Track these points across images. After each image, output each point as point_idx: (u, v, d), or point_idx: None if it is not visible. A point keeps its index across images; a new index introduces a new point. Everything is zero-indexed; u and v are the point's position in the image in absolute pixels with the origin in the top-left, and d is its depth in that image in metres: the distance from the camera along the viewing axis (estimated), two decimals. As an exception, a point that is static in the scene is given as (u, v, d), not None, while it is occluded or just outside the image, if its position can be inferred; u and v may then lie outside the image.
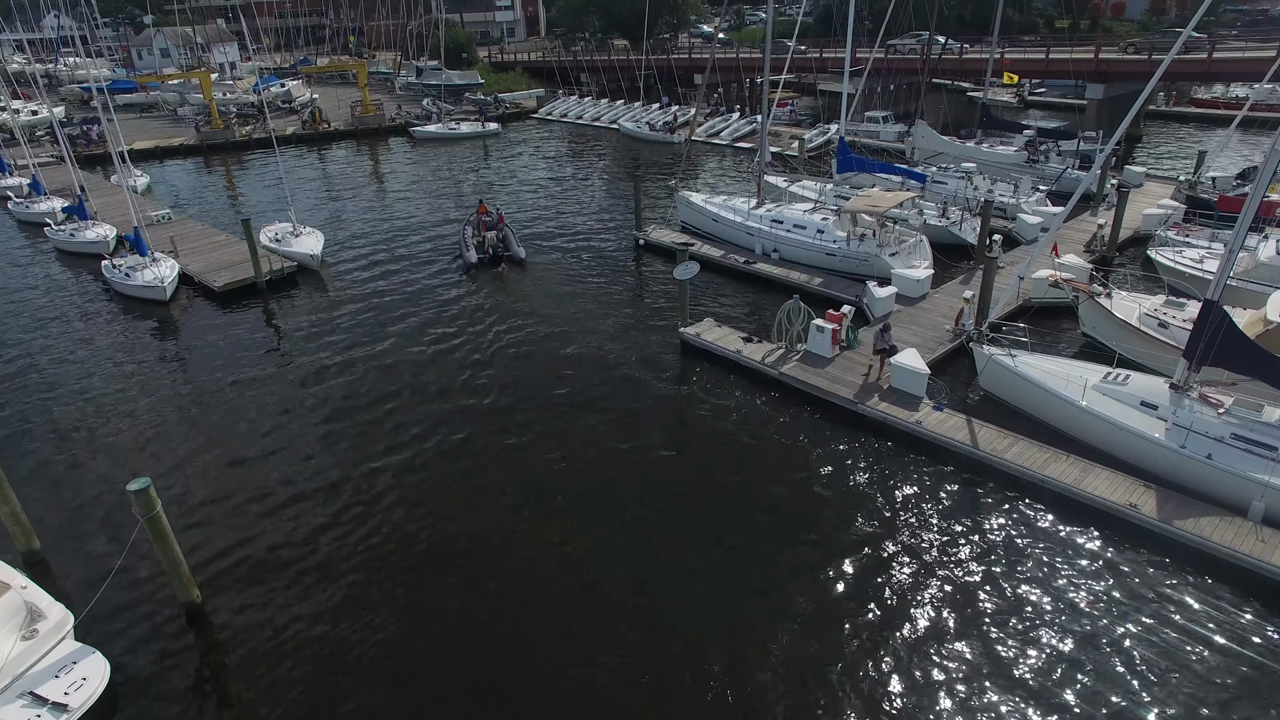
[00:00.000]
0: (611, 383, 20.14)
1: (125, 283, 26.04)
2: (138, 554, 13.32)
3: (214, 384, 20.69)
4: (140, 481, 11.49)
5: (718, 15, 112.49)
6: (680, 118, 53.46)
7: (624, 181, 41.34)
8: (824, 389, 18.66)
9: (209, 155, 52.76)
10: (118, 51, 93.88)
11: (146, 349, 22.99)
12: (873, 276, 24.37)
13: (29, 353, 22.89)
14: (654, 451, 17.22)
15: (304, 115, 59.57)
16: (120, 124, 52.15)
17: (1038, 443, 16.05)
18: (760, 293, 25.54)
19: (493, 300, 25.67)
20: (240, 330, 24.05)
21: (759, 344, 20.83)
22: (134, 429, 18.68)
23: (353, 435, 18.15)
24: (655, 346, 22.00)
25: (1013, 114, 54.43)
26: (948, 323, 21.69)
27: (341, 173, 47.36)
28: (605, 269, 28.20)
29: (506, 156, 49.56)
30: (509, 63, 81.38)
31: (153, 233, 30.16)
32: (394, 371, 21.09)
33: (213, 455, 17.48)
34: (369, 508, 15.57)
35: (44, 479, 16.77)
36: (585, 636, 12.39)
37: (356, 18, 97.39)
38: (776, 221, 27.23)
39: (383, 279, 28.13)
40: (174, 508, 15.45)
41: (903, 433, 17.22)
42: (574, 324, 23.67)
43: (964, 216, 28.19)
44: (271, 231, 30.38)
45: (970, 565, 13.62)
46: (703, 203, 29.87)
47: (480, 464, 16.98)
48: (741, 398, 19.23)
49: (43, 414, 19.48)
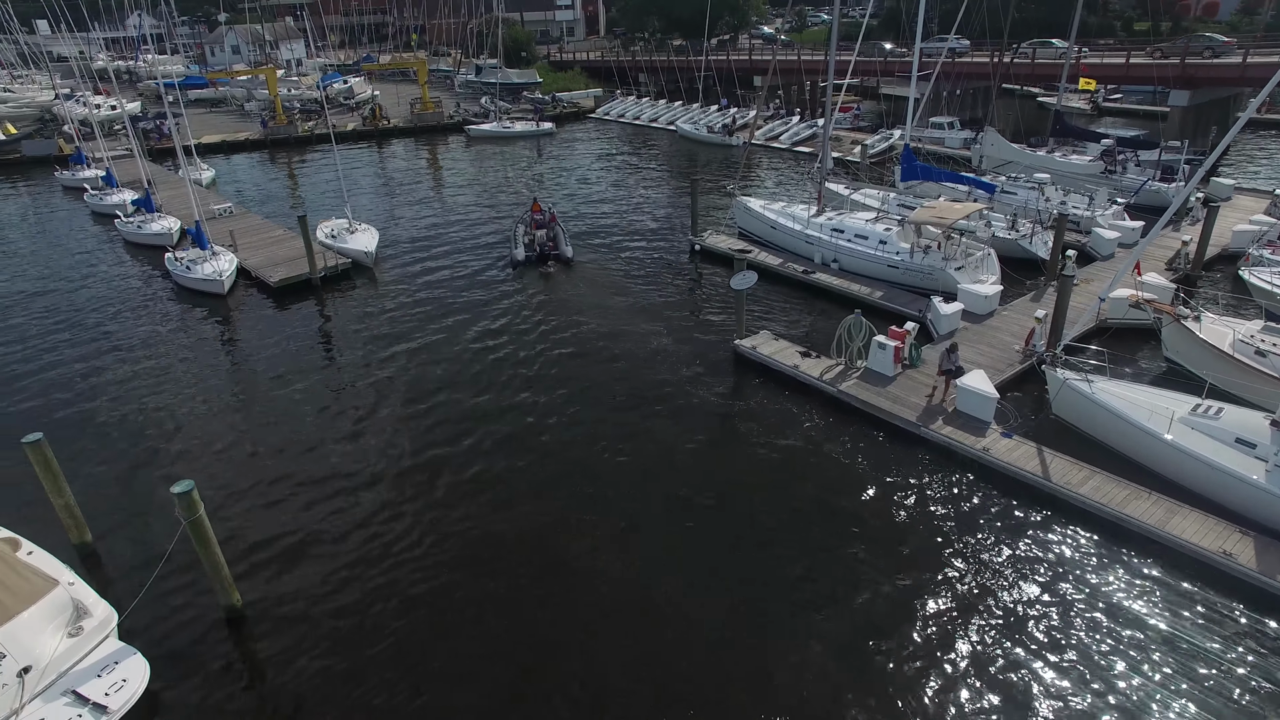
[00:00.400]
0: (662, 394, 19.59)
1: (185, 275, 26.48)
2: (180, 555, 13.23)
3: (264, 380, 20.78)
4: (184, 484, 11.36)
5: (779, 16, 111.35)
6: (739, 120, 52.61)
7: (680, 184, 40.76)
8: (885, 409, 17.80)
9: (273, 150, 53.87)
10: (192, 48, 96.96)
11: (203, 342, 23.27)
12: (937, 291, 23.34)
13: (94, 341, 23.37)
14: (704, 467, 16.62)
15: (364, 111, 60.47)
16: (190, 118, 53.74)
17: (1116, 477, 14.96)
18: (818, 304, 24.70)
19: (542, 302, 25.36)
20: (293, 326, 24.18)
21: (817, 359, 20.05)
22: (186, 423, 18.81)
23: (396, 436, 17.96)
24: (708, 357, 21.37)
25: (1085, 121, 52.25)
26: (1017, 343, 20.57)
27: (399, 169, 47.80)
28: (658, 274, 27.67)
29: (560, 156, 49.41)
30: (567, 62, 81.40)
31: (214, 226, 30.71)
32: (440, 371, 20.91)
33: (260, 452, 17.47)
34: (413, 512, 15.31)
35: (96, 470, 16.95)
36: (636, 659, 11.87)
37: (419, 16, 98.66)
38: (837, 230, 26.33)
39: (433, 276, 28.10)
40: (219, 505, 15.46)
41: (968, 459, 16.29)
42: (624, 330, 23.20)
43: (1035, 229, 26.86)
44: (328, 228, 30.64)
45: (1039, 607, 12.69)
46: (761, 209, 29.11)
47: (522, 470, 16.61)
48: (798, 415, 18.49)
49: (100, 403, 19.78)
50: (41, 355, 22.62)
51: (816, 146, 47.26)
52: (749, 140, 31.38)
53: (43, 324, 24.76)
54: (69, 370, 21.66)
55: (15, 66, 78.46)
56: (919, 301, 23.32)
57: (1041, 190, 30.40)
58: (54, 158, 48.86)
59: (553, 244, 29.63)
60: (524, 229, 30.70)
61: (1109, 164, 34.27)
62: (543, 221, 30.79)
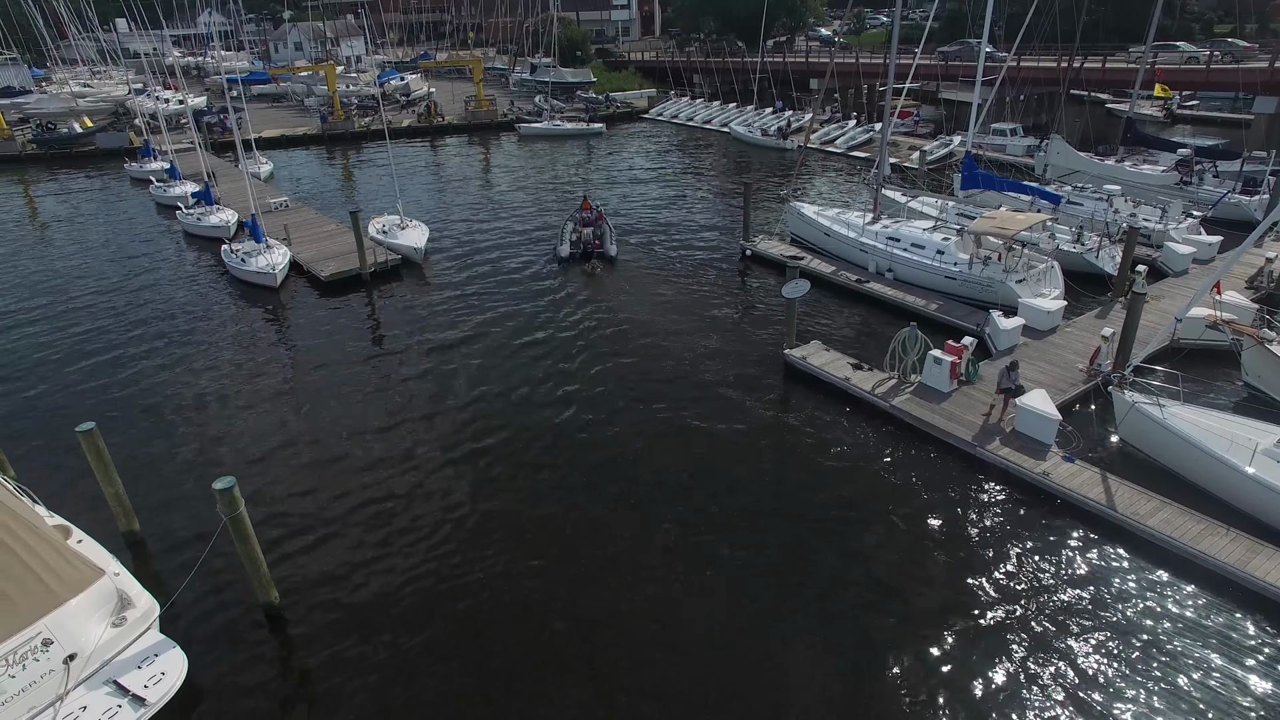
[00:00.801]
0: (707, 401, 19.19)
1: (240, 268, 26.96)
2: (222, 547, 13.29)
3: (311, 373, 20.96)
4: (225, 480, 11.37)
5: (837, 18, 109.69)
6: (794, 123, 51.80)
7: (731, 188, 40.23)
8: (939, 427, 17.11)
9: (330, 145, 54.86)
10: (257, 45, 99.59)
11: (254, 334, 23.61)
12: (996, 305, 22.49)
13: (149, 328, 23.91)
14: (749, 479, 16.17)
15: (420, 108, 61.22)
16: (252, 113, 55.16)
17: (1190, 510, 14.08)
18: (871, 315, 23.99)
19: (590, 301, 25.14)
20: (341, 319, 24.40)
21: (869, 372, 19.42)
22: (234, 413, 19.04)
23: (437, 433, 17.90)
24: (756, 366, 20.89)
25: (1158, 129, 50.13)
26: (1080, 361, 19.64)
27: (452, 166, 48.20)
28: (707, 278, 27.24)
29: (612, 156, 49.23)
30: (622, 62, 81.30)
31: (269, 220, 31.25)
32: (482, 367, 20.85)
33: (302, 447, 17.57)
34: (451, 509, 15.21)
35: (145, 455, 17.24)
36: (672, 683, 11.53)
37: (476, 14, 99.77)
38: (893, 239, 25.56)
39: (480, 272, 28.18)
40: (262, 496, 15.56)
41: (1027, 483, 15.54)
42: (671, 333, 22.85)
43: (1102, 243, 25.71)
44: (379, 223, 30.94)
45: (1101, 647, 11.96)
46: (815, 215, 28.45)
47: (560, 470, 16.39)
48: (848, 428, 17.90)
49: (152, 389, 20.18)
50: (99, 339, 23.23)
51: (873, 151, 46.30)
52: (805, 144, 30.68)
53: (103, 311, 25.44)
54: (124, 355, 22.18)
55: (95, 63, 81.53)
56: (977, 315, 22.48)
57: (1110, 201, 29.14)
58: (124, 150, 50.52)
59: (598, 242, 29.72)
60: (572, 226, 31.08)
61: (1185, 175, 32.67)
62: (590, 219, 30.96)
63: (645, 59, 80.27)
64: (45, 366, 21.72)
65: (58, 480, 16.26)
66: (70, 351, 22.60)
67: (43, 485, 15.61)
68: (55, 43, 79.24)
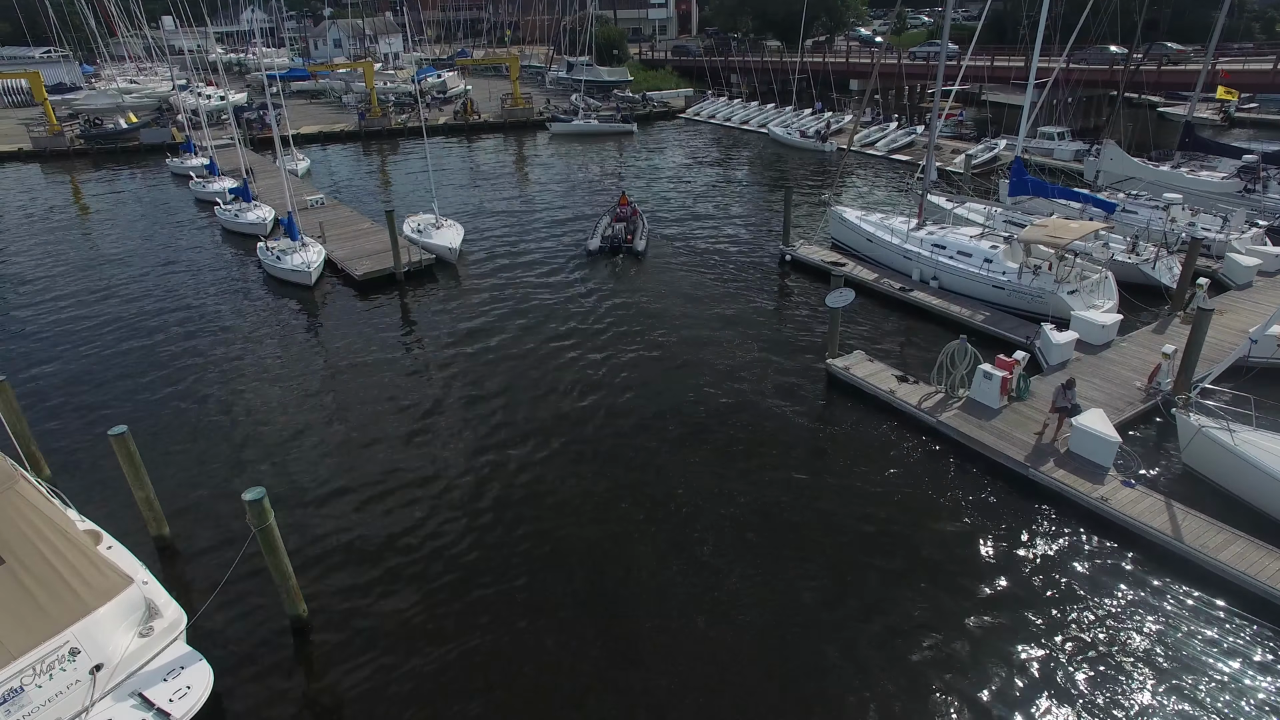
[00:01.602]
0: (745, 410, 18.63)
1: (276, 265, 26.95)
2: (251, 557, 13.06)
3: (343, 376, 20.77)
4: (255, 491, 11.09)
5: (877, 17, 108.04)
6: (833, 124, 50.88)
7: (769, 189, 39.55)
8: (989, 445, 16.37)
9: (366, 142, 55.15)
10: (298, 42, 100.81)
11: (288, 334, 23.52)
12: (1047, 317, 21.63)
13: (184, 325, 23.94)
14: (788, 494, 15.58)
15: (456, 106, 61.31)
16: (291, 109, 55.64)
17: (1265, 545, 13.20)
18: (915, 323, 23.22)
19: (627, 306, 24.67)
20: (374, 319, 24.23)
21: (915, 384, 18.70)
22: (264, 414, 18.89)
23: (465, 438, 17.56)
24: (795, 375, 20.27)
25: (1214, 134, 48.34)
26: (1138, 379, 18.73)
27: (487, 164, 48.12)
28: (745, 282, 26.63)
29: (649, 155, 48.75)
30: (658, 61, 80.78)
31: (305, 217, 31.28)
32: (515, 377, 20.43)
33: (332, 452, 17.35)
34: (479, 517, 14.85)
35: (176, 459, 17.14)
36: (714, 706, 11.03)
37: (514, 12, 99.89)
38: (938, 246, 24.75)
39: (513, 274, 27.92)
40: (292, 501, 15.34)
41: (1083, 508, 14.75)
42: (706, 340, 22.31)
43: (1159, 253, 24.64)
44: (414, 222, 30.81)
45: (1173, 689, 11.20)
46: (857, 220, 27.69)
47: (588, 479, 15.93)
48: (893, 443, 17.23)
49: (185, 388, 20.13)
50: (135, 336, 23.31)
51: (914, 155, 45.28)
52: (847, 147, 29.86)
53: (140, 307, 25.56)
54: (159, 353, 22.20)
55: (141, 60, 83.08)
56: (1026, 327, 21.62)
57: (1166, 210, 27.97)
58: (167, 145, 51.24)
59: (629, 237, 29.85)
60: (607, 220, 31.66)
61: (1249, 181, 31.28)
62: (625, 215, 31.44)
63: (682, 58, 79.43)
64: (82, 362, 21.82)
65: (91, 480, 16.23)
66: (107, 349, 22.69)
67: (75, 486, 15.60)
68: (105, 40, 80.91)
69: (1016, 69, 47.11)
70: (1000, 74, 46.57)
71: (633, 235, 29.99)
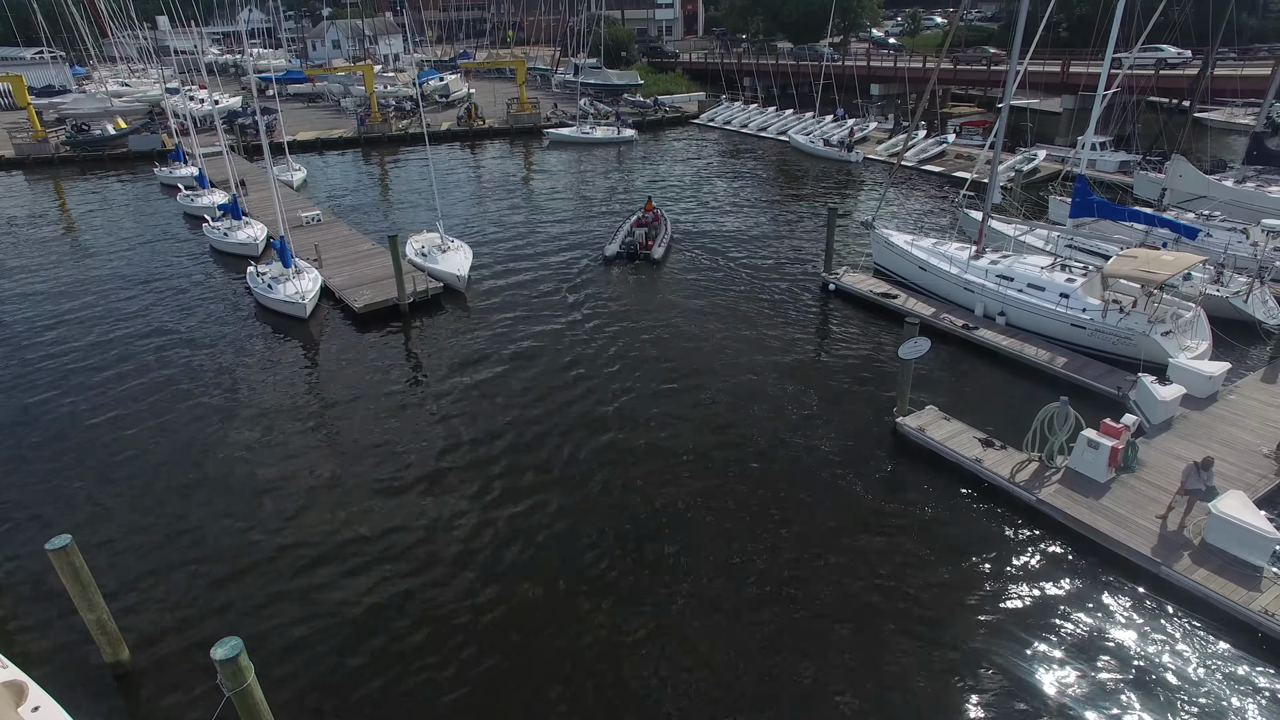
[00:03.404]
0: (796, 475, 16.08)
1: (267, 295, 24.36)
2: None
3: (338, 425, 18.17)
4: (228, 646, 8.50)
5: (889, 19, 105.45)
6: (858, 132, 48.32)
7: (794, 202, 36.98)
8: (1105, 533, 13.82)
9: (366, 148, 52.57)
10: (296, 43, 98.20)
11: (279, 374, 20.91)
12: (1134, 361, 19.12)
13: (162, 370, 21.32)
14: (857, 586, 13.01)
15: (460, 111, 58.71)
16: (287, 113, 52.97)
17: None
18: (982, 365, 20.68)
19: (652, 339, 22.10)
20: (375, 358, 21.62)
21: (1002, 450, 16.14)
22: (248, 480, 16.31)
23: (479, 511, 14.99)
24: (855, 434, 17.70)
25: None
26: (1262, 444, 16.16)
27: (492, 172, 45.57)
28: (783, 316, 24.03)
29: (653, 164, 46.13)
30: (668, 63, 78.16)
31: (300, 237, 28.76)
32: (531, 432, 17.82)
33: (322, 524, 14.78)
34: (486, 613, 12.29)
35: (139, 543, 14.57)
36: None
37: (518, 12, 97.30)
38: (1005, 278, 22.21)
39: (525, 301, 25.46)
40: (277, 579, 12.78)
41: (1235, 620, 12.21)
42: (744, 383, 19.75)
43: (1253, 284, 22.12)
44: (418, 243, 28.20)
45: None
46: (907, 245, 25.10)
47: (620, 562, 13.38)
48: (982, 524, 14.69)
49: (155, 441, 17.54)
50: (104, 370, 20.72)
51: (946, 165, 42.72)
52: (898, 162, 27.17)
53: (115, 339, 22.97)
54: (127, 392, 19.61)
55: (134, 61, 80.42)
56: (1113, 375, 19.09)
57: (1246, 234, 25.46)
58: (156, 153, 48.64)
59: (649, 243, 29.15)
60: (629, 226, 31.05)
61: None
62: (647, 221, 30.83)
63: (693, 60, 76.84)
64: (43, 410, 19.23)
65: (25, 599, 13.62)
66: (72, 390, 20.10)
67: (12, 591, 13.03)
68: (97, 40, 78.24)
69: (1089, 74, 44.58)
70: (1074, 81, 43.60)
71: (652, 242, 29.23)
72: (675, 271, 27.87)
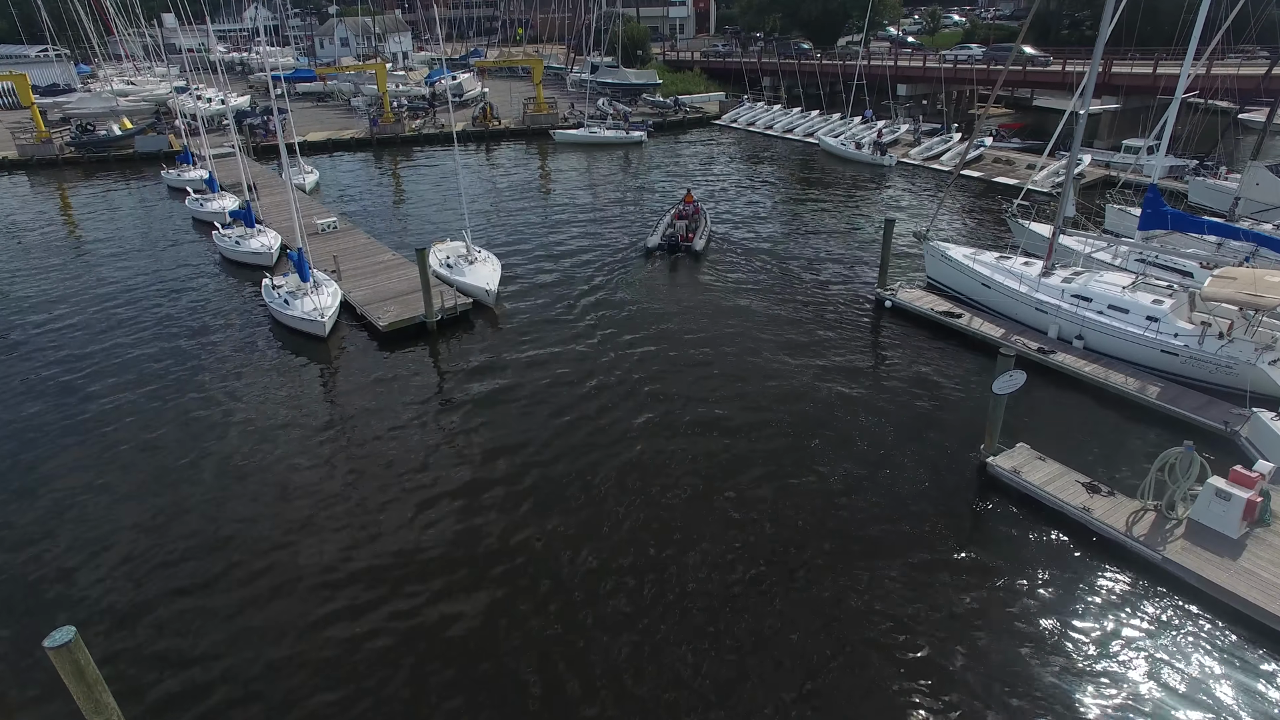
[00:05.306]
0: (871, 527, 14.42)
1: (284, 311, 22.73)
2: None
3: (361, 464, 16.56)
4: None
5: (907, 16, 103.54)
6: (887, 134, 46.59)
7: (832, 210, 35.28)
8: (1249, 599, 12.12)
9: (379, 150, 50.98)
10: (303, 40, 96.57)
11: (297, 401, 19.31)
12: (1236, 390, 17.46)
13: (172, 395, 19.73)
14: (961, 663, 11.37)
15: (475, 110, 57.08)
16: (297, 113, 51.27)
17: None
18: (1061, 394, 18.96)
19: (700, 359, 20.44)
20: (401, 383, 20.01)
21: (1110, 497, 14.48)
22: (262, 524, 14.72)
23: (517, 562, 13.37)
24: (932, 472, 16.03)
25: None
26: (1394, 487, 14.49)
27: (510, 175, 43.94)
28: (839, 334, 22.38)
29: (658, 168, 44.45)
30: (685, 62, 76.36)
31: (316, 245, 27.13)
32: (576, 474, 16.22)
33: (340, 576, 13.18)
34: (513, 643, 10.69)
35: (149, 611, 12.98)
36: None
37: (530, 10, 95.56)
38: (1081, 298, 20.52)
39: (558, 314, 23.99)
40: (293, 654, 11.17)
41: None
42: (805, 412, 18.08)
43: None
44: (442, 253, 26.52)
45: None
46: (967, 260, 23.38)
47: (667, 623, 11.75)
48: (1094, 586, 13.01)
49: (168, 488, 15.95)
50: (105, 398, 19.14)
51: (985, 170, 40.92)
52: (956, 171, 25.34)
53: (117, 364, 21.39)
54: (128, 432, 18.01)
55: (139, 59, 78.84)
56: (1215, 406, 17.41)
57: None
58: (163, 154, 47.12)
59: (690, 235, 29.46)
60: (669, 218, 31.08)
61: None
62: (687, 213, 30.90)
63: (710, 59, 75.05)
64: (40, 449, 17.65)
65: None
66: (68, 430, 18.53)
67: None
68: (102, 38, 76.70)
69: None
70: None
71: (693, 234, 29.56)
72: (718, 287, 26.14)
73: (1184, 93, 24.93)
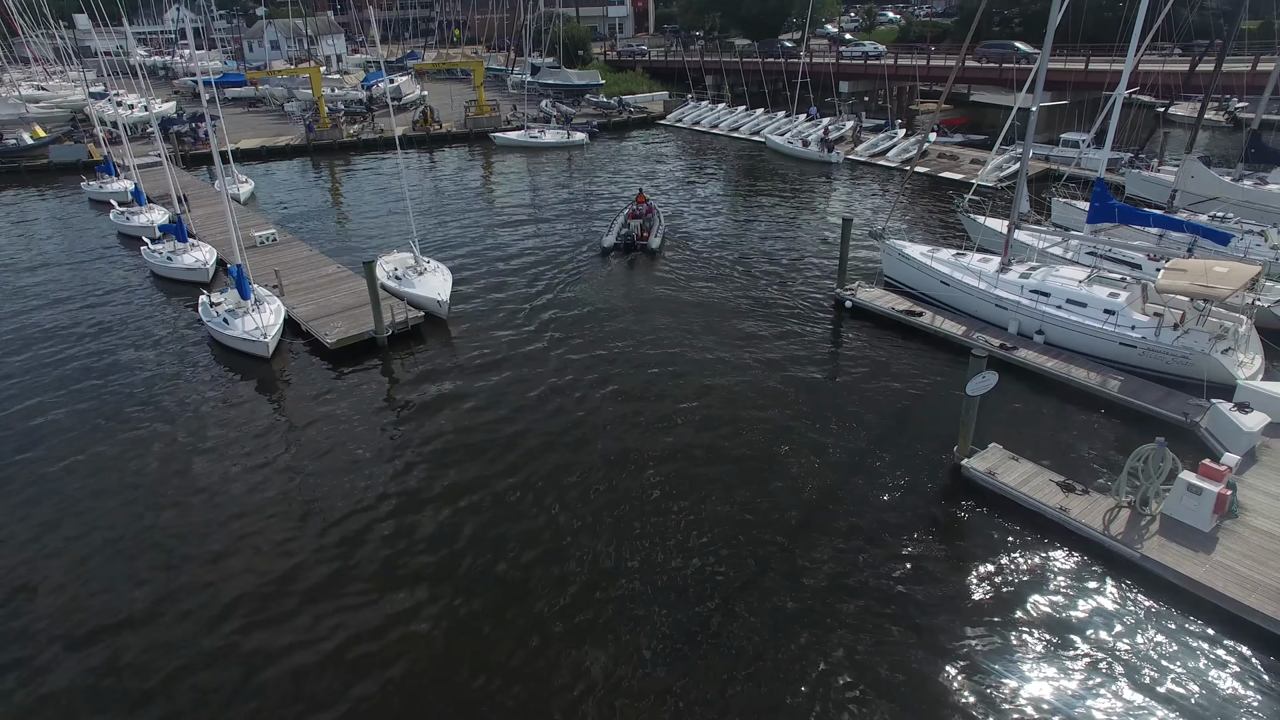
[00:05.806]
0: (847, 533, 14.15)
1: (222, 331, 21.45)
2: None
3: (311, 498, 15.61)
4: None
5: (844, 14, 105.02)
6: (833, 131, 46.87)
7: (781, 207, 35.20)
8: (1225, 594, 12.17)
9: (315, 156, 49.19)
10: (230, 44, 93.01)
11: (238, 429, 18.14)
12: (1191, 380, 17.78)
13: (96, 425, 18.39)
14: (943, 663, 11.15)
15: (414, 114, 55.60)
16: (227, 119, 49.16)
17: None
18: (1024, 390, 19.01)
19: (659, 363, 19.95)
20: (352, 404, 19.01)
21: (1085, 495, 14.47)
22: (205, 576, 13.71)
23: (484, 602, 12.71)
24: (906, 473, 15.86)
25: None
26: (1351, 475, 14.86)
27: (454, 180, 42.79)
28: (798, 335, 22.13)
29: (603, 169, 43.96)
30: (627, 62, 75.90)
31: (255, 259, 25.79)
32: (537, 489, 15.58)
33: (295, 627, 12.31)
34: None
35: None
36: None
37: (466, 11, 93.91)
38: (1039, 293, 20.68)
39: (510, 323, 23.27)
40: None
41: (1395, 700, 10.69)
42: (772, 419, 17.76)
43: (1291, 292, 21.07)
44: (389, 264, 25.42)
45: None
46: (924, 257, 23.44)
47: (647, 658, 11.28)
48: (1078, 586, 12.94)
49: (95, 532, 14.76)
50: (26, 436, 17.73)
51: (932, 166, 41.44)
52: (911, 169, 25.36)
53: (38, 386, 19.88)
54: (49, 466, 16.71)
55: (50, 63, 74.76)
56: (1173, 398, 17.66)
57: (1265, 237, 24.53)
58: (82, 165, 44.58)
59: (645, 234, 29.59)
60: (623, 218, 31.06)
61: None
62: (641, 212, 30.94)
63: (654, 59, 74.72)
64: (-38, 486, 16.20)
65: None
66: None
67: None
68: (6, 40, 72.49)
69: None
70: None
71: (648, 233, 29.69)
72: (675, 289, 25.70)
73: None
